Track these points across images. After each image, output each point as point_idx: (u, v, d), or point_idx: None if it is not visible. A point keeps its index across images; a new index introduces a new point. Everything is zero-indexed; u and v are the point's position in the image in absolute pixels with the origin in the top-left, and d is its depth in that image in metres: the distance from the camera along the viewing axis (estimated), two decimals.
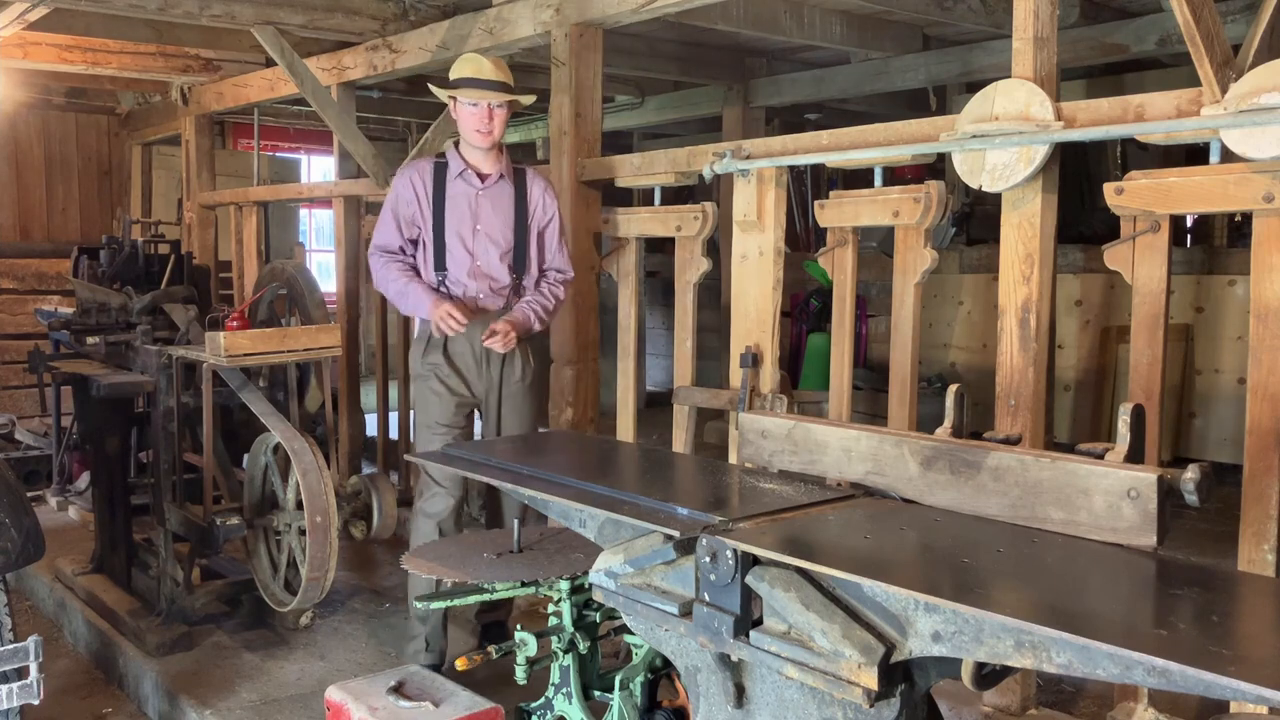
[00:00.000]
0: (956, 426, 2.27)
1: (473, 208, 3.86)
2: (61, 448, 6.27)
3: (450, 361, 3.82)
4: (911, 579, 1.84)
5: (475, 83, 3.77)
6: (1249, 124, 2.63)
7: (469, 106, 3.78)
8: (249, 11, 5.10)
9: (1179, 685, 1.46)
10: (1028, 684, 3.33)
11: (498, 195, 3.89)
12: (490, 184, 3.88)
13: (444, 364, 3.82)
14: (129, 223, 6.09)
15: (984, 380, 4.16)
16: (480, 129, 3.79)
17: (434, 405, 3.85)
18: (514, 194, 3.92)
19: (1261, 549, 2.77)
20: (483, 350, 3.81)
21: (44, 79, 8.09)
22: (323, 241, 12.31)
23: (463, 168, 3.87)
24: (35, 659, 2.97)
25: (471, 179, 3.87)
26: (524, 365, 3.93)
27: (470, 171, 3.87)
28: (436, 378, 3.83)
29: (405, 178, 3.89)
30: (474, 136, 3.81)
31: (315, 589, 3.84)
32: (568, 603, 2.79)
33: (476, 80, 3.78)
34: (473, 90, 3.77)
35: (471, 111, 3.79)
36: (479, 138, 3.81)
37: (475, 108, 3.78)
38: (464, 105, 3.79)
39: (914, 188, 3.51)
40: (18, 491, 3.15)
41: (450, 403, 3.84)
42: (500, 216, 3.88)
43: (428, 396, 3.87)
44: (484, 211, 3.87)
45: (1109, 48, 6.02)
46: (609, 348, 4.82)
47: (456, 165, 3.87)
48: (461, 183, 3.86)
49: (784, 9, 6.02)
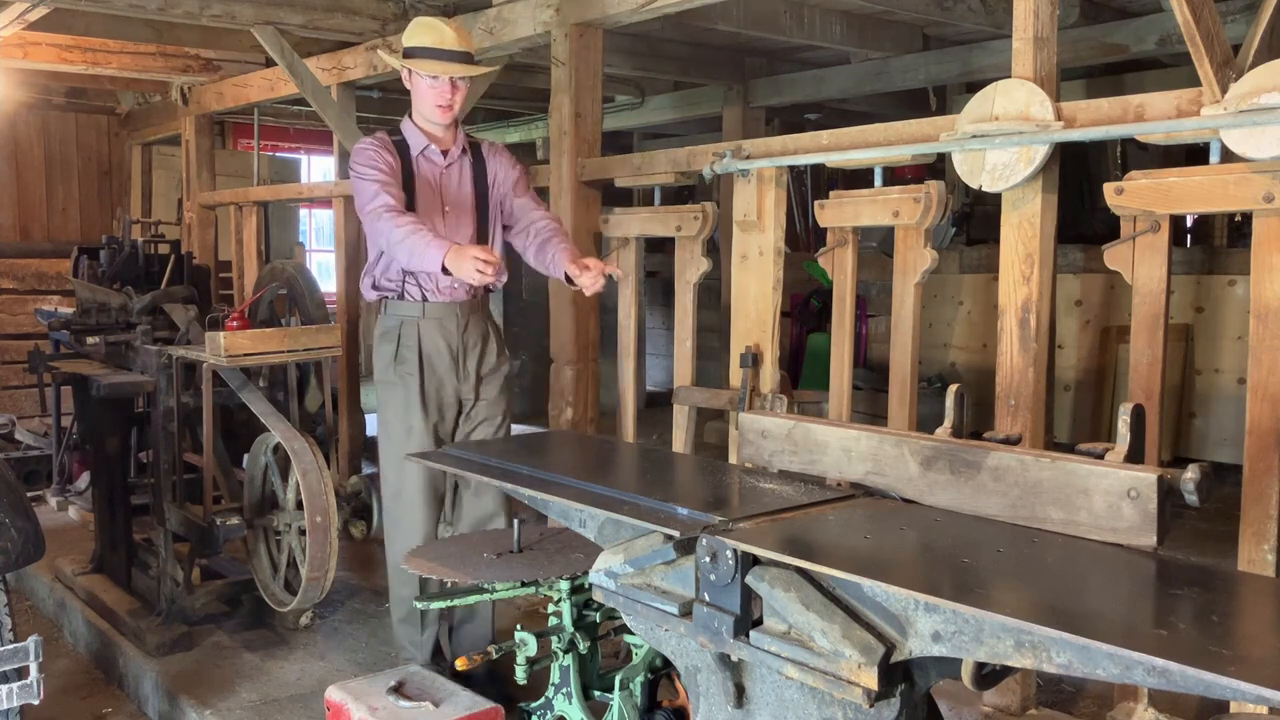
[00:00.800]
0: (956, 426, 2.28)
1: (437, 188, 3.57)
2: (61, 448, 6.27)
3: (425, 363, 3.55)
4: (911, 579, 1.84)
5: (435, 53, 3.43)
6: (1249, 124, 2.63)
7: (428, 80, 3.46)
8: (249, 11, 5.10)
9: (1179, 685, 1.46)
10: (1028, 684, 3.33)
11: (461, 172, 3.62)
12: (453, 159, 3.60)
13: (416, 368, 3.54)
14: (129, 223, 6.09)
15: (984, 380, 4.16)
16: (441, 103, 3.48)
17: (409, 414, 3.56)
18: (474, 170, 3.65)
19: (1261, 549, 2.77)
20: (459, 345, 3.59)
21: (44, 79, 8.09)
22: (323, 241, 12.31)
23: (424, 144, 3.56)
24: (35, 659, 2.97)
25: (434, 155, 3.57)
26: (498, 357, 3.70)
27: (433, 148, 3.57)
28: (415, 386, 3.54)
29: (370, 153, 3.46)
30: (434, 113, 3.50)
31: (315, 589, 3.84)
32: (568, 603, 2.79)
33: (438, 50, 3.44)
34: (432, 62, 3.43)
35: (431, 85, 3.46)
36: (440, 113, 3.50)
37: (436, 81, 3.46)
38: (422, 78, 3.48)
39: (914, 188, 3.51)
40: (18, 491, 3.15)
41: (429, 414, 3.58)
42: (465, 194, 3.61)
43: (401, 405, 3.58)
44: (449, 190, 3.59)
45: (1109, 48, 6.02)
46: (609, 348, 4.82)
47: (418, 142, 3.56)
48: (424, 161, 3.56)
49: (784, 9, 6.03)
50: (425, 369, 3.58)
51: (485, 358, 3.68)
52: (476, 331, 3.66)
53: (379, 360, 3.65)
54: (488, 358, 3.69)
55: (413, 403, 3.58)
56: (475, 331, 3.66)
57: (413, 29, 3.50)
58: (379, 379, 3.67)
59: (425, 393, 3.59)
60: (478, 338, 3.66)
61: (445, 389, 3.61)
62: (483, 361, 3.67)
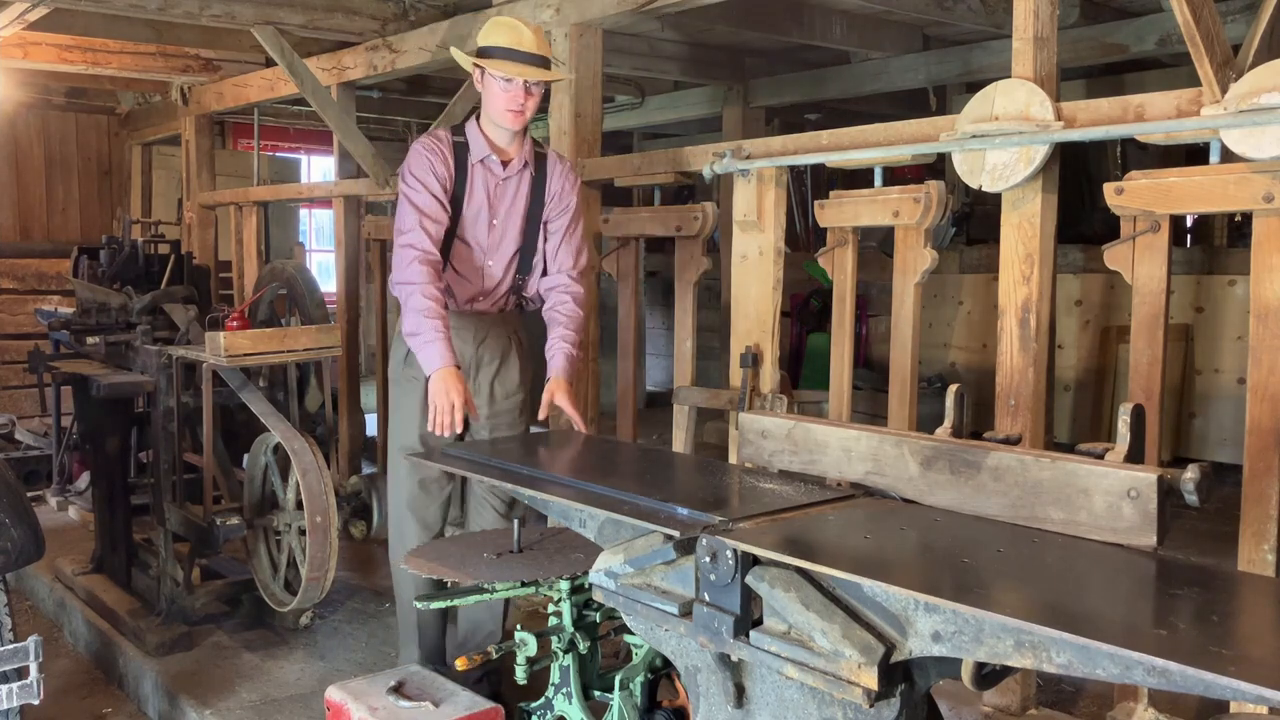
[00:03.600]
0: (956, 426, 2.28)
1: (492, 199, 3.40)
2: (61, 448, 6.27)
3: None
4: (911, 579, 1.84)
5: (513, 54, 3.23)
6: (1249, 124, 2.63)
7: (501, 82, 3.25)
8: (249, 11, 5.10)
9: (1179, 685, 1.46)
10: (1028, 684, 3.33)
11: (519, 186, 3.44)
12: (513, 171, 3.42)
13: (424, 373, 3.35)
14: (129, 223, 6.10)
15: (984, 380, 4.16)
16: (513, 108, 3.27)
17: (417, 415, 3.43)
18: (532, 184, 3.46)
19: (1261, 549, 2.77)
20: (474, 359, 3.46)
21: (44, 79, 8.09)
22: (323, 241, 12.31)
23: (486, 152, 3.37)
24: (35, 659, 2.97)
25: (494, 165, 3.39)
26: (520, 376, 3.53)
27: (494, 157, 3.38)
28: (421, 390, 3.36)
29: (426, 158, 3.32)
30: (504, 117, 3.30)
31: (315, 589, 3.84)
32: (568, 603, 2.79)
33: (514, 52, 3.24)
34: (509, 64, 3.23)
35: (505, 88, 3.25)
36: (511, 118, 3.29)
37: (510, 84, 3.24)
38: (495, 79, 3.26)
39: (914, 188, 3.50)
40: (18, 491, 3.15)
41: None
42: (518, 210, 3.44)
43: (411, 409, 3.48)
44: (503, 205, 3.42)
45: (1109, 48, 6.02)
46: (609, 348, 4.82)
47: (479, 148, 3.37)
48: (483, 169, 3.38)
49: (784, 9, 6.03)
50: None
51: (502, 375, 3.53)
52: (496, 346, 3.52)
53: (394, 358, 3.57)
54: (505, 375, 3.54)
55: (416, 407, 3.47)
56: (494, 345, 3.52)
57: (490, 28, 3.32)
58: (391, 376, 3.62)
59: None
60: (496, 352, 3.52)
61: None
62: (499, 378, 3.52)
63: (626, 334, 4.61)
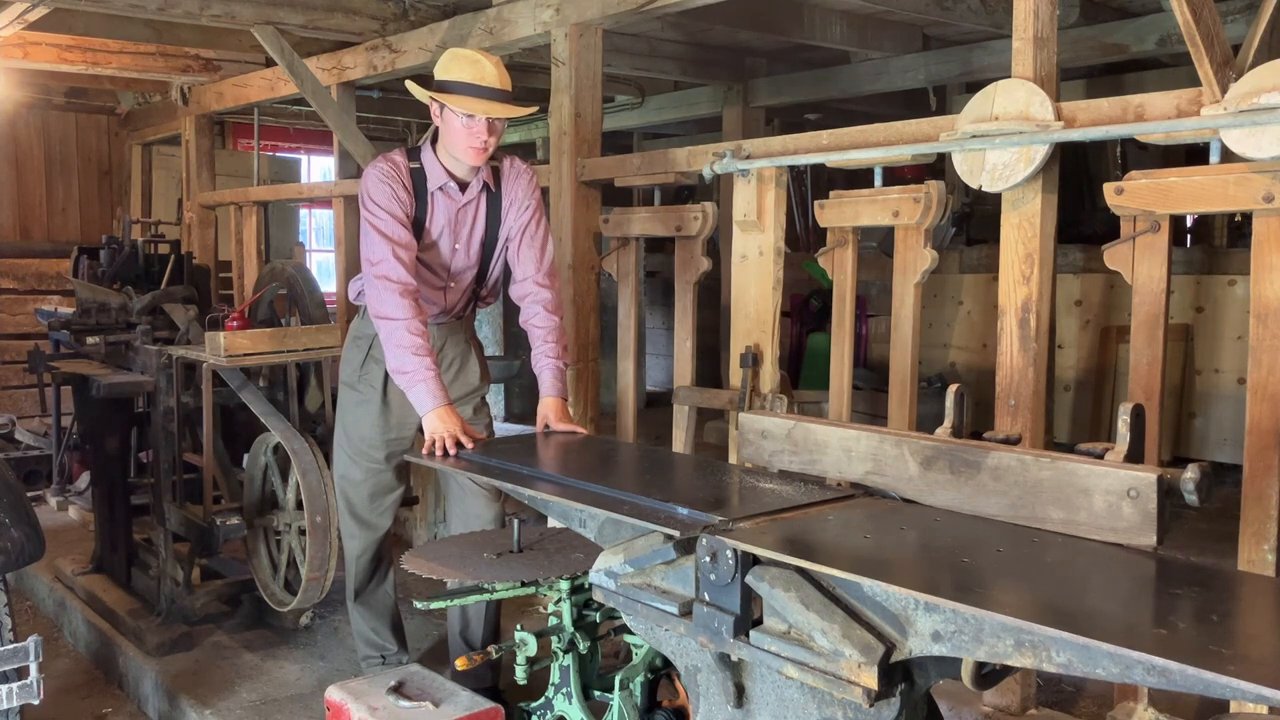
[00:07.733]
0: (956, 426, 2.28)
1: (452, 225, 3.35)
2: (61, 448, 6.28)
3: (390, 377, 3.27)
4: (911, 579, 1.84)
5: (474, 89, 3.14)
6: (1249, 124, 2.63)
7: (463, 118, 3.14)
8: (249, 11, 5.10)
9: (1179, 685, 1.46)
10: (1028, 684, 3.33)
11: (478, 207, 3.38)
12: (471, 195, 3.35)
13: (380, 380, 3.42)
14: (129, 223, 6.10)
15: (984, 380, 4.16)
16: (475, 145, 3.17)
17: (366, 425, 3.49)
18: (489, 202, 3.39)
19: (1261, 549, 2.77)
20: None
21: (44, 79, 8.09)
22: (323, 241, 12.30)
23: (444, 180, 3.29)
24: (35, 659, 2.98)
25: (454, 192, 3.32)
26: (479, 379, 3.59)
27: (452, 184, 3.31)
28: (377, 398, 3.45)
29: (387, 185, 3.22)
30: (467, 154, 3.20)
31: (315, 589, 3.84)
32: (568, 603, 2.79)
33: (476, 87, 3.14)
34: (471, 100, 3.13)
35: (467, 124, 3.14)
36: (473, 154, 3.20)
37: (472, 120, 3.14)
38: (456, 115, 3.15)
39: (914, 188, 3.51)
40: (18, 491, 3.15)
41: (388, 429, 3.50)
42: (478, 233, 3.40)
43: (362, 417, 3.50)
44: (464, 229, 3.37)
45: (1109, 48, 6.02)
46: (609, 348, 4.82)
47: (437, 176, 3.29)
48: (441, 196, 3.31)
49: (784, 9, 6.03)
50: (390, 382, 3.39)
51: (461, 377, 3.55)
52: (454, 351, 3.56)
53: (347, 364, 3.56)
54: (464, 378, 3.57)
55: (370, 414, 3.51)
56: (452, 351, 3.55)
57: (447, 61, 3.20)
58: (343, 380, 3.57)
59: (388, 405, 3.49)
60: (454, 357, 3.55)
61: (409, 405, 3.25)
62: (457, 381, 3.52)
63: (626, 334, 4.61)
